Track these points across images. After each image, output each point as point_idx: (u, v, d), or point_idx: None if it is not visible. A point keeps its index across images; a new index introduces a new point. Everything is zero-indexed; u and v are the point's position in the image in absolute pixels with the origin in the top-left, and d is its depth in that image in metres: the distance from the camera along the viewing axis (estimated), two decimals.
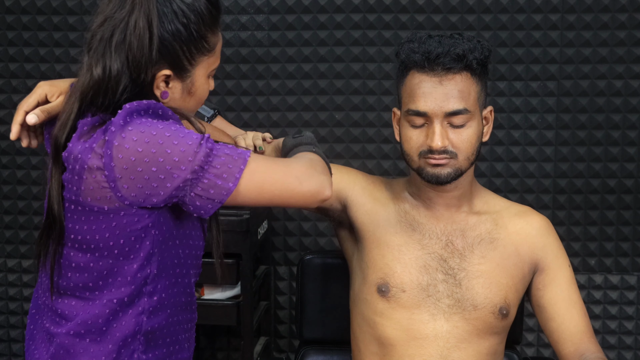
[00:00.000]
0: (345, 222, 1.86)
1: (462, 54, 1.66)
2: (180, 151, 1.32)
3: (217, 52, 1.46)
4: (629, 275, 2.57)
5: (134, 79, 1.36)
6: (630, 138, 2.50)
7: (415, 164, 1.72)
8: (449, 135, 1.68)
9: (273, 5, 2.51)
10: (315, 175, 1.43)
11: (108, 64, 1.35)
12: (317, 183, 1.42)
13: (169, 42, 1.37)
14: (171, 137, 1.32)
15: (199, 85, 1.45)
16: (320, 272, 2.07)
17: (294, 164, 1.44)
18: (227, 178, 1.35)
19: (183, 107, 1.45)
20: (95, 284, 1.39)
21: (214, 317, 2.36)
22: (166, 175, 1.32)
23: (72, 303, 1.41)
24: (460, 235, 1.77)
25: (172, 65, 1.39)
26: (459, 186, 1.77)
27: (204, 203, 1.36)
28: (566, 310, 1.76)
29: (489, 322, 1.72)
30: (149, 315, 1.41)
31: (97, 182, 1.33)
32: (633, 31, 2.45)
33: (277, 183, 1.40)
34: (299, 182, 1.41)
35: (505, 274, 1.75)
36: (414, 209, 1.80)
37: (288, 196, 1.41)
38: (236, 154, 1.37)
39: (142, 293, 1.40)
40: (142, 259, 1.38)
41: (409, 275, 1.73)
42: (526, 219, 1.81)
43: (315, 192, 1.42)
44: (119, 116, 1.32)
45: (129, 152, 1.31)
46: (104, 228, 1.36)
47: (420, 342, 1.72)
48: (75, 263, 1.39)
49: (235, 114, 2.57)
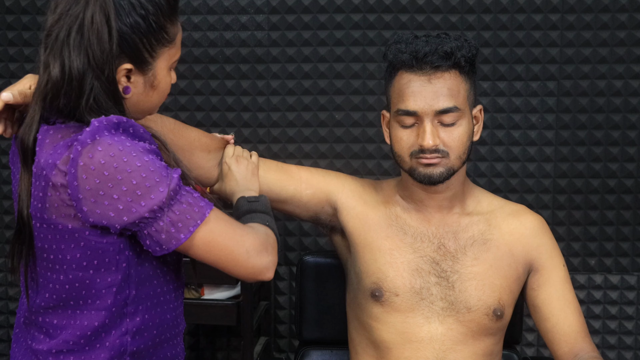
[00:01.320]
0: (338, 227, 1.85)
1: (450, 51, 1.67)
2: (146, 186, 1.29)
3: (178, 43, 1.42)
4: (629, 275, 2.57)
5: (97, 76, 1.31)
6: (630, 138, 2.50)
7: (407, 165, 1.72)
8: (440, 134, 1.68)
9: (273, 5, 2.51)
10: (264, 255, 1.41)
11: (67, 63, 1.31)
12: (263, 264, 1.41)
13: (128, 35, 1.33)
14: (140, 168, 1.29)
15: (161, 78, 1.41)
16: (319, 272, 2.07)
17: (248, 237, 1.41)
18: (180, 228, 1.32)
19: (146, 101, 1.41)
20: (75, 303, 1.36)
21: (214, 317, 2.36)
22: (125, 207, 1.29)
23: (54, 321, 1.38)
24: (452, 238, 1.76)
25: (133, 58, 1.35)
26: (451, 187, 1.76)
27: (153, 244, 1.33)
28: (560, 310, 1.76)
29: (484, 323, 1.72)
30: (134, 336, 1.39)
31: (62, 199, 1.30)
32: (633, 31, 2.45)
33: (226, 249, 1.38)
34: (247, 256, 1.39)
35: (499, 275, 1.74)
36: (405, 212, 1.79)
37: (232, 266, 1.40)
38: (197, 206, 1.34)
39: (123, 314, 1.37)
40: (119, 280, 1.35)
41: (402, 279, 1.73)
42: (520, 219, 1.81)
43: (258, 272, 1.41)
44: (86, 134, 1.28)
45: (94, 174, 1.27)
46: (73, 248, 1.33)
47: (416, 345, 1.72)
48: (49, 283, 1.37)
49: (236, 113, 2.57)
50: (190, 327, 2.69)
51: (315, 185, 1.82)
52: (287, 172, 1.82)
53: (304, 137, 2.56)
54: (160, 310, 1.43)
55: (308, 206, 1.82)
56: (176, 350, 1.49)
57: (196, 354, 2.71)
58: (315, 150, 2.57)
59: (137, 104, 1.40)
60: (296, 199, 1.81)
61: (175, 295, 1.47)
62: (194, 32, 2.53)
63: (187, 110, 2.58)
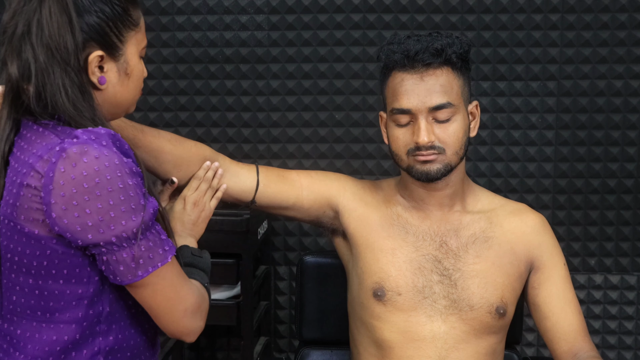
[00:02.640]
0: (339, 230, 1.85)
1: (441, 48, 1.67)
2: (121, 210, 1.25)
3: (142, 28, 1.40)
4: (629, 275, 2.57)
5: (64, 69, 1.28)
6: (630, 138, 2.50)
7: (405, 163, 1.73)
8: (435, 131, 1.68)
9: (273, 5, 2.51)
10: (196, 319, 1.38)
11: (30, 59, 1.28)
12: (193, 326, 1.38)
13: (95, 22, 1.31)
14: (121, 190, 1.25)
15: (134, 65, 1.38)
16: (319, 272, 2.07)
17: (191, 297, 1.36)
18: (141, 265, 1.28)
19: (123, 91, 1.38)
20: (46, 305, 1.31)
21: (214, 317, 2.33)
22: (94, 224, 1.25)
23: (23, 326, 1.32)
24: (454, 235, 1.76)
25: (103, 44, 1.32)
26: (450, 184, 1.76)
27: (108, 271, 1.29)
28: (561, 309, 1.76)
29: (486, 321, 1.72)
30: (106, 356, 1.34)
31: (32, 202, 1.26)
32: (633, 31, 2.45)
33: (170, 301, 1.34)
34: (183, 315, 1.35)
35: (501, 272, 1.74)
36: (406, 211, 1.80)
37: (166, 318, 1.35)
38: (162, 248, 1.30)
39: (96, 332, 1.33)
40: (91, 294, 1.31)
41: (404, 278, 1.73)
42: (521, 217, 1.81)
43: (187, 333, 1.38)
44: (73, 143, 1.24)
45: (72, 183, 1.23)
46: (39, 255, 1.28)
47: (418, 343, 1.72)
48: (16, 286, 1.32)
49: (236, 114, 2.57)
50: None
51: (316, 190, 1.83)
52: (287, 181, 1.82)
53: (304, 137, 2.56)
54: (134, 331, 1.38)
55: (310, 211, 1.83)
56: None
57: (196, 354, 2.71)
58: (315, 150, 2.57)
59: (115, 95, 1.37)
60: (298, 206, 1.82)
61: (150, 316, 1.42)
62: (194, 32, 2.54)
63: (187, 110, 2.58)
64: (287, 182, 1.81)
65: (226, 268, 2.32)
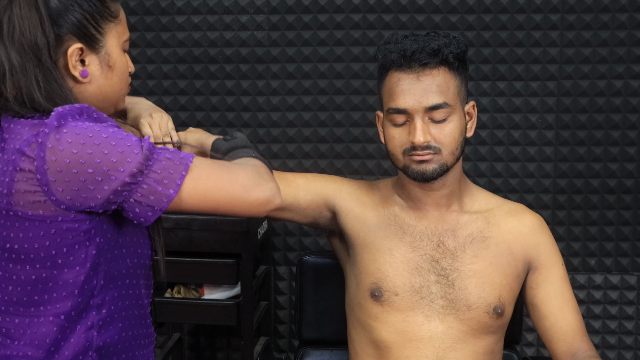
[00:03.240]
0: (336, 231, 1.86)
1: (438, 48, 1.67)
2: (119, 152, 1.27)
3: (123, 21, 1.41)
4: (629, 275, 2.57)
5: (36, 64, 1.30)
6: (630, 138, 2.50)
7: (401, 163, 1.73)
8: (431, 131, 1.69)
9: (273, 5, 2.51)
10: (262, 183, 1.37)
11: (4, 58, 1.30)
12: (266, 191, 1.37)
13: (73, 15, 1.32)
14: (109, 139, 1.27)
15: (116, 57, 1.39)
16: (319, 272, 2.07)
17: (240, 171, 1.37)
18: (167, 184, 1.29)
19: (108, 85, 1.39)
20: (39, 297, 1.32)
21: (214, 317, 2.36)
22: (103, 177, 1.27)
23: (16, 321, 1.34)
24: (451, 235, 1.76)
25: (81, 37, 1.34)
26: (447, 184, 1.76)
27: (143, 210, 1.31)
28: (559, 309, 1.76)
29: (484, 321, 1.72)
30: (99, 330, 1.35)
31: (30, 185, 1.27)
32: (633, 31, 2.45)
33: (222, 191, 1.34)
34: (246, 190, 1.35)
35: (499, 272, 1.74)
36: (403, 211, 1.80)
37: (235, 204, 1.35)
38: (178, 158, 1.31)
39: (89, 306, 1.33)
40: (87, 269, 1.32)
41: (401, 278, 1.73)
42: (519, 217, 1.81)
43: (265, 201, 1.37)
44: (52, 118, 1.27)
45: (63, 154, 1.26)
46: (42, 236, 1.30)
47: (416, 344, 1.72)
48: (13, 275, 1.33)
49: (236, 113, 2.57)
50: (190, 327, 2.69)
51: (313, 191, 1.83)
52: (283, 181, 1.82)
53: (304, 137, 2.56)
54: (127, 303, 1.39)
55: (306, 212, 1.83)
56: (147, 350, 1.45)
57: (196, 354, 2.71)
58: (315, 150, 2.57)
59: (100, 89, 1.38)
60: (294, 206, 1.82)
61: (144, 293, 1.43)
62: (194, 32, 2.54)
63: (187, 110, 2.58)
64: (284, 182, 1.81)
65: (226, 268, 2.32)
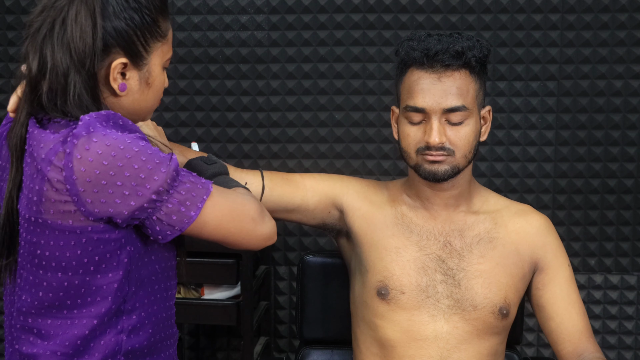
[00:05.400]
0: (343, 230, 1.86)
1: (461, 51, 1.67)
2: (148, 168, 1.28)
3: (170, 40, 1.42)
4: (629, 275, 2.57)
5: (78, 71, 1.30)
6: (630, 138, 2.50)
7: (413, 161, 1.73)
8: (447, 132, 1.69)
9: (273, 5, 2.51)
10: (266, 219, 1.41)
11: (48, 56, 1.30)
12: (270, 227, 1.42)
13: (123, 29, 1.32)
14: (139, 153, 1.27)
15: (156, 76, 1.40)
16: (320, 271, 2.07)
17: (248, 204, 1.40)
18: (190, 206, 1.32)
19: (142, 100, 1.40)
20: (72, 302, 1.33)
21: (214, 317, 2.36)
22: (131, 192, 1.27)
23: (48, 322, 1.34)
24: (458, 235, 1.77)
25: (128, 52, 1.34)
26: (457, 185, 1.77)
27: (163, 228, 1.32)
28: (565, 310, 1.76)
29: (489, 322, 1.72)
30: (129, 335, 1.36)
31: (59, 196, 1.28)
32: (633, 31, 2.45)
33: (234, 221, 1.37)
34: (255, 224, 1.39)
35: (505, 273, 1.75)
36: (411, 210, 1.80)
37: (242, 236, 1.39)
38: (200, 182, 1.34)
39: (120, 311, 1.35)
40: (120, 276, 1.33)
41: (408, 277, 1.73)
42: (526, 218, 1.81)
43: (268, 237, 1.42)
44: (80, 128, 1.26)
45: (92, 165, 1.25)
46: (74, 245, 1.30)
47: (421, 343, 1.72)
48: (44, 281, 1.33)
49: (235, 113, 2.57)
50: (190, 327, 2.69)
51: (320, 191, 1.83)
52: (291, 183, 1.83)
53: (304, 137, 2.56)
54: (157, 308, 1.41)
55: (315, 213, 1.84)
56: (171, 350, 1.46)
57: (196, 354, 2.71)
58: (315, 150, 2.57)
59: (133, 103, 1.39)
60: (303, 208, 1.82)
61: (170, 294, 1.45)
62: (194, 32, 2.53)
63: (187, 110, 2.58)
64: (292, 184, 1.82)
65: (226, 268, 2.32)
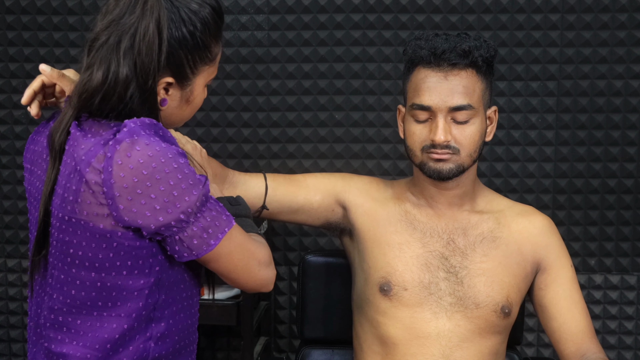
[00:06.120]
0: (347, 229, 1.87)
1: (468, 50, 1.69)
2: (182, 187, 1.29)
3: (217, 62, 1.44)
4: (629, 275, 2.57)
5: (140, 85, 1.33)
6: (630, 138, 2.50)
7: (418, 159, 1.74)
8: (452, 131, 1.70)
9: (273, 5, 2.51)
10: (271, 267, 1.46)
11: (113, 69, 1.32)
12: (269, 276, 1.46)
13: (175, 50, 1.35)
14: (177, 170, 1.29)
15: (197, 95, 1.43)
16: (321, 271, 2.07)
17: (259, 249, 1.44)
18: (211, 234, 1.34)
19: (178, 115, 1.43)
20: (103, 303, 1.35)
21: (214, 317, 2.35)
22: (162, 207, 1.29)
23: (78, 322, 1.36)
24: (462, 234, 1.77)
25: (175, 73, 1.37)
26: (461, 184, 1.78)
27: (182, 249, 1.34)
28: (568, 310, 1.76)
29: (491, 320, 1.73)
30: (157, 342, 1.38)
31: (95, 198, 1.29)
32: (633, 31, 2.45)
33: (243, 260, 1.40)
34: (259, 268, 1.43)
35: (508, 272, 1.75)
36: (415, 207, 1.81)
37: (246, 276, 1.42)
38: (225, 214, 1.36)
39: (150, 318, 1.37)
40: (151, 283, 1.35)
41: (411, 273, 1.74)
42: (529, 218, 1.82)
43: (265, 284, 1.46)
44: (123, 134, 1.28)
45: (132, 172, 1.27)
46: (105, 247, 1.32)
47: (423, 341, 1.72)
48: (77, 280, 1.35)
49: (235, 113, 2.57)
50: None
51: (323, 189, 1.85)
52: (294, 183, 1.84)
53: (304, 137, 2.56)
54: (183, 315, 1.43)
55: (319, 212, 1.85)
56: (192, 356, 1.51)
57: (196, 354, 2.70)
58: (315, 150, 2.57)
59: (170, 116, 1.42)
60: (307, 207, 1.84)
61: (195, 301, 1.47)
62: None
63: None
64: (294, 183, 1.83)
65: None
